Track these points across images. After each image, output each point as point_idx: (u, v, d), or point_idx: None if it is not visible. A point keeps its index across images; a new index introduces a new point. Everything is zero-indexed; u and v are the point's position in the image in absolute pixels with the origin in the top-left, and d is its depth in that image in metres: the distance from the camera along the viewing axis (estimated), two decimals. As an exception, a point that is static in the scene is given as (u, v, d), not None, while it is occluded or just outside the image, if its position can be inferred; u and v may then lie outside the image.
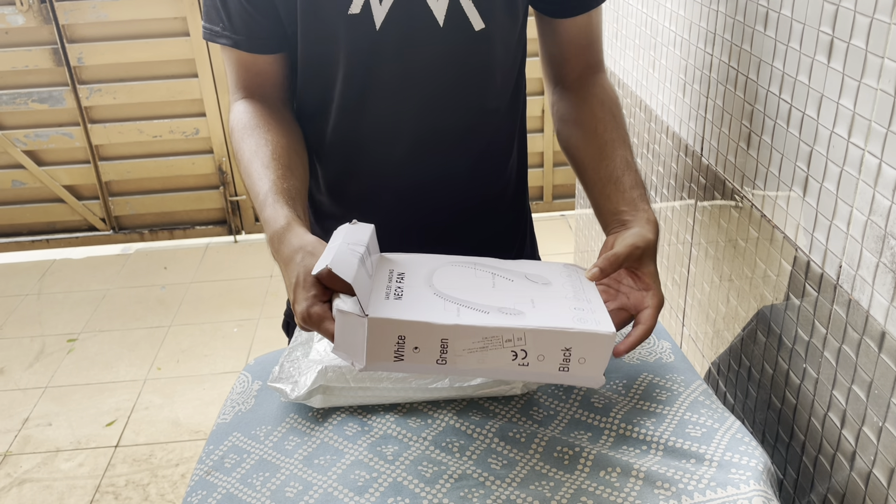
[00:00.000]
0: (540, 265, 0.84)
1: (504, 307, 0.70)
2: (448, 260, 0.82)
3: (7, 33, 2.81)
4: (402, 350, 0.68)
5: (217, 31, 0.92)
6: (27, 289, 2.93)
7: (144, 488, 1.92)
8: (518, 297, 0.73)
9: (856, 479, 0.75)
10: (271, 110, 0.93)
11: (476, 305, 0.70)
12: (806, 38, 0.78)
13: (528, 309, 0.71)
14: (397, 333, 0.67)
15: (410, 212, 1.00)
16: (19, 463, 2.02)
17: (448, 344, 0.67)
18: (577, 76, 0.99)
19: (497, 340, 0.68)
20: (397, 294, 0.72)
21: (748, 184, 0.95)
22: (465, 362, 0.68)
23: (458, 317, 0.68)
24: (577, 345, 0.68)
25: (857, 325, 0.72)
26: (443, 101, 0.93)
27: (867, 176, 0.69)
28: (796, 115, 0.81)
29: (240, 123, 0.92)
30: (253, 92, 0.95)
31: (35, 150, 3.00)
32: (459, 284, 0.75)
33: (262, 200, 0.82)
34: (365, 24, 0.87)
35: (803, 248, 0.82)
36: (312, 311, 0.70)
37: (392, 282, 0.74)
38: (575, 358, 0.69)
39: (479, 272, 0.78)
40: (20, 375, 2.38)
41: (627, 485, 0.71)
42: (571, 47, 0.97)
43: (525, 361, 0.69)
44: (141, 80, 2.88)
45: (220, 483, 0.78)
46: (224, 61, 0.96)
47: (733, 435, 0.77)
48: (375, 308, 0.68)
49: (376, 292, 0.71)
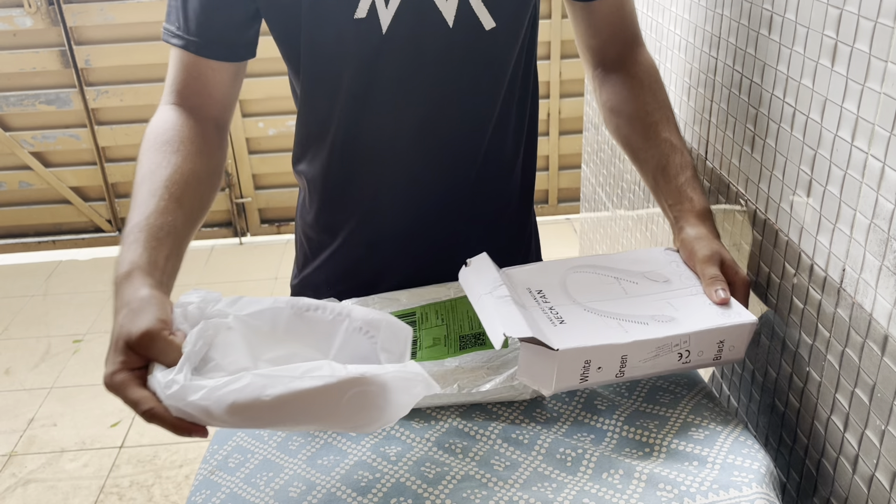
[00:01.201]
0: (643, 259, 0.90)
1: (655, 315, 0.79)
2: (564, 268, 0.87)
3: (15, 35, 2.82)
4: (587, 372, 0.74)
5: (172, 31, 0.89)
6: (33, 290, 2.94)
7: (148, 489, 1.92)
8: (657, 302, 0.81)
9: (858, 483, 0.75)
10: (195, 126, 0.87)
11: (634, 318, 0.78)
12: (810, 41, 0.78)
13: (675, 313, 0.79)
14: (584, 359, 0.73)
15: (417, 216, 0.99)
16: (24, 463, 2.03)
17: (627, 358, 0.75)
18: (616, 56, 0.99)
19: (667, 347, 0.76)
20: (560, 319, 0.78)
21: (752, 187, 0.95)
22: (639, 370, 0.76)
23: (629, 333, 0.75)
24: (729, 336, 0.78)
25: (861, 329, 0.72)
26: (451, 104, 0.92)
27: (870, 179, 0.69)
28: (800, 118, 0.81)
29: (153, 132, 0.86)
30: (185, 99, 0.89)
31: (42, 151, 3.02)
32: (600, 296, 0.82)
33: (125, 235, 0.75)
34: (371, 28, 0.86)
35: (806, 251, 0.82)
36: (115, 378, 0.64)
37: (540, 303, 0.81)
38: (727, 346, 0.79)
39: (603, 278, 0.85)
40: (25, 376, 2.39)
41: (630, 487, 0.71)
42: (606, 28, 0.98)
43: (688, 359, 0.78)
44: (148, 83, 2.90)
45: (223, 482, 0.78)
46: (169, 61, 0.91)
47: (736, 438, 0.77)
48: (557, 339, 0.73)
49: (540, 321, 0.77)
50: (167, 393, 0.61)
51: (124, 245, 0.74)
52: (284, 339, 0.72)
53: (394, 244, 1.02)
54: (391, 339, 0.72)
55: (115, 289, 0.71)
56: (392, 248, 1.02)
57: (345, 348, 0.73)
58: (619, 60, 1.00)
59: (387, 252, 1.02)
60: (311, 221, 1.04)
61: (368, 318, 0.72)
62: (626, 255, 0.91)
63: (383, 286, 1.03)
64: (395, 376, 0.63)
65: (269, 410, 0.60)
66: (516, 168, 1.02)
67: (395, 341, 0.72)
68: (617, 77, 0.99)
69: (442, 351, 0.88)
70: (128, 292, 0.69)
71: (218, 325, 0.69)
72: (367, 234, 1.01)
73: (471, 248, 1.02)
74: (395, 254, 1.02)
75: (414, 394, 0.65)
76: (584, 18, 0.99)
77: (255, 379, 0.61)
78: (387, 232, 1.01)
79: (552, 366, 0.72)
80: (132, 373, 0.65)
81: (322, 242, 1.04)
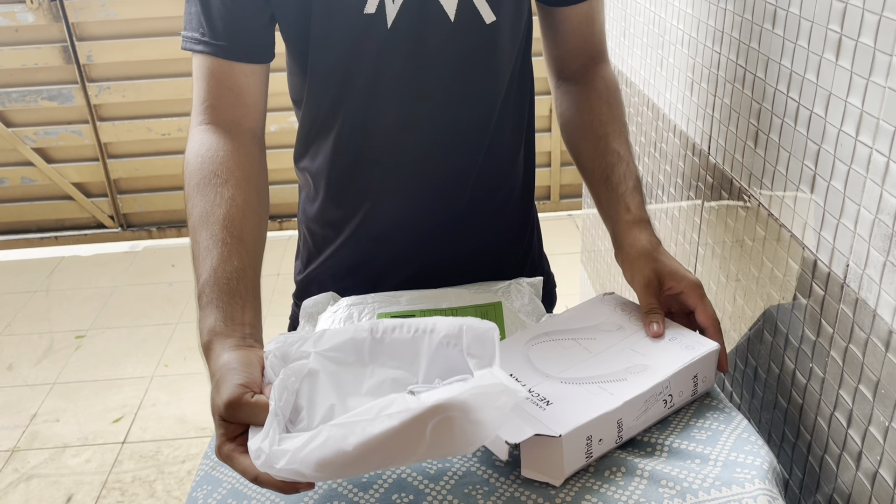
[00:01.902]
0: (588, 313, 0.89)
1: (629, 367, 0.78)
2: (521, 344, 0.85)
3: (17, 31, 2.82)
4: (591, 448, 0.73)
5: (195, 38, 0.86)
6: (36, 285, 2.95)
7: (151, 485, 1.93)
8: (623, 352, 0.81)
9: (862, 479, 0.75)
10: (237, 148, 0.85)
11: (611, 377, 0.77)
12: (814, 35, 0.78)
13: (645, 360, 0.79)
14: (586, 435, 0.72)
15: (420, 211, 0.99)
16: (27, 458, 2.03)
17: (622, 421, 0.74)
18: (578, 67, 0.99)
19: (654, 398, 0.76)
20: (545, 401, 0.75)
21: (755, 182, 0.94)
22: (634, 429, 0.76)
23: (615, 396, 0.74)
24: (701, 368, 0.80)
25: (864, 325, 0.72)
26: (454, 97, 0.92)
27: (875, 174, 0.69)
28: (804, 113, 0.81)
29: (196, 162, 0.83)
30: (220, 114, 0.86)
31: (44, 147, 3.02)
32: (568, 364, 0.80)
33: (199, 296, 0.75)
34: (378, 23, 0.86)
35: (810, 246, 0.82)
36: (222, 451, 0.66)
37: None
38: (700, 379, 0.81)
39: (562, 343, 0.84)
40: (28, 372, 2.40)
41: (632, 484, 0.71)
42: (573, 37, 0.99)
43: (672, 402, 0.79)
44: (150, 79, 2.90)
45: (225, 478, 0.78)
46: (194, 74, 0.87)
47: (739, 435, 0.77)
48: (555, 424, 0.70)
49: (527, 409, 0.73)
50: (258, 463, 0.61)
51: (201, 309, 0.74)
52: (371, 367, 0.72)
53: (399, 239, 1.02)
54: (476, 343, 0.69)
55: (204, 351, 0.72)
56: (397, 244, 1.02)
57: (434, 365, 0.71)
58: (581, 73, 1.00)
59: (392, 247, 1.02)
60: (314, 217, 1.04)
61: (449, 328, 0.70)
62: (572, 314, 0.89)
63: (388, 281, 1.03)
64: (474, 393, 0.59)
65: (355, 459, 0.59)
66: (518, 160, 1.02)
67: (480, 344, 0.69)
68: (576, 88, 1.00)
69: None
70: (212, 363, 0.70)
71: (300, 371, 0.68)
72: (372, 230, 1.01)
73: (474, 242, 1.03)
74: (400, 249, 1.02)
75: (499, 406, 0.60)
76: (553, 26, 0.99)
77: (333, 431, 0.59)
78: (392, 227, 1.01)
79: (559, 453, 0.70)
80: (234, 441, 0.66)
81: (327, 238, 1.04)
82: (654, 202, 1.41)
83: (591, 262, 2.11)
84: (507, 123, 0.98)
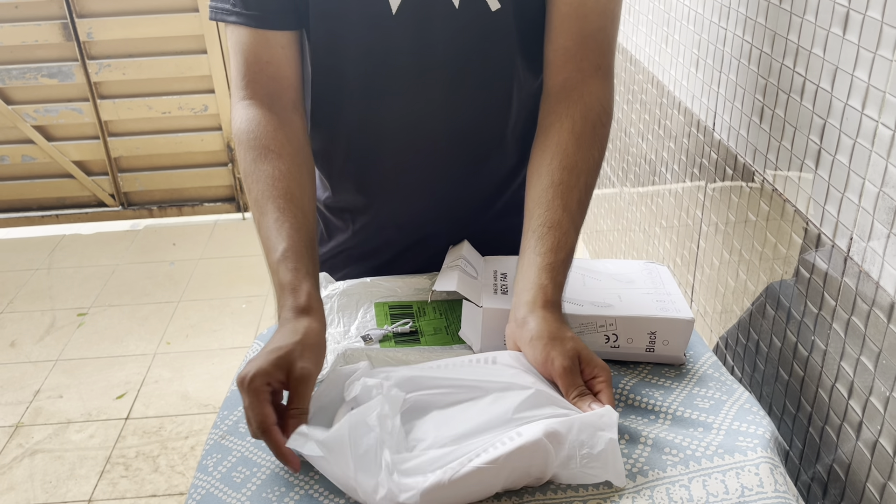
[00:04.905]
0: (623, 265, 0.94)
1: (595, 301, 0.84)
2: None
3: (17, 7, 2.81)
4: None
5: (226, 9, 0.86)
6: (37, 263, 2.95)
7: (154, 460, 1.94)
8: (607, 294, 0.86)
9: (862, 449, 0.76)
10: (279, 120, 0.86)
11: (573, 300, 0.84)
12: (822, 10, 0.78)
13: (616, 302, 0.84)
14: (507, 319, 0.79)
15: (432, 197, 1.00)
16: (31, 434, 2.05)
17: None
18: (563, 80, 0.87)
19: (592, 326, 0.81)
20: (503, 290, 0.86)
21: (760, 158, 0.95)
22: None
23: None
24: (661, 329, 0.81)
25: (867, 297, 0.73)
26: (462, 84, 0.91)
27: (880, 148, 0.70)
28: (810, 87, 0.81)
29: (247, 134, 0.85)
30: (259, 89, 0.87)
31: (44, 125, 3.01)
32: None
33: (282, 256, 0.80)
34: (382, 9, 0.86)
35: (814, 220, 0.82)
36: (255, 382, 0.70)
37: (497, 280, 0.89)
38: (660, 340, 0.81)
39: (571, 274, 0.87)
40: (31, 348, 2.41)
41: (636, 451, 0.72)
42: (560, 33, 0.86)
43: (616, 343, 0.82)
44: (150, 56, 2.88)
45: (234, 447, 0.79)
46: (230, 48, 0.88)
47: (741, 405, 0.78)
48: (489, 302, 0.83)
49: (485, 289, 0.86)
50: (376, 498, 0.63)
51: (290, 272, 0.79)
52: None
53: (409, 225, 1.02)
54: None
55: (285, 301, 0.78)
56: (407, 230, 1.02)
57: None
58: (564, 90, 0.86)
59: (402, 225, 1.02)
60: (323, 201, 1.04)
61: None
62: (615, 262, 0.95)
63: (396, 268, 1.04)
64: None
65: None
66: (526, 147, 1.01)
67: None
68: (553, 109, 0.86)
69: (446, 338, 0.89)
70: (302, 322, 0.75)
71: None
72: (382, 216, 1.01)
73: (482, 227, 1.03)
74: (409, 234, 1.03)
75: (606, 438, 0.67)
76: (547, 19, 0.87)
77: None
78: (401, 213, 1.01)
79: (478, 322, 0.82)
80: (268, 387, 0.70)
81: (336, 224, 1.05)
82: (658, 180, 1.42)
83: (593, 240, 2.11)
84: (513, 111, 0.95)
